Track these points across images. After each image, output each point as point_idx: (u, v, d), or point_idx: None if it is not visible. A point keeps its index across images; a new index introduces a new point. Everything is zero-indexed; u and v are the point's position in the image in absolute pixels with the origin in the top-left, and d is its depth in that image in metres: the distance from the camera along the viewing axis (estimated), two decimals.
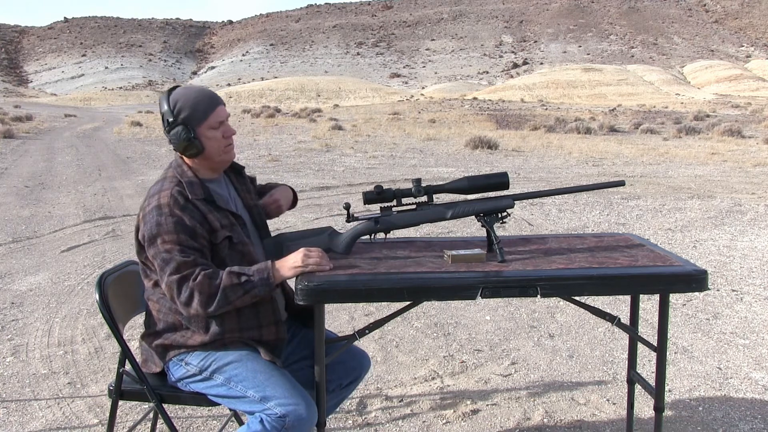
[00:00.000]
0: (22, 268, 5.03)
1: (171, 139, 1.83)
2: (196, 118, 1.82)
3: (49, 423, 2.63)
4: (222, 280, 1.72)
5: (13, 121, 24.54)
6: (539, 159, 13.48)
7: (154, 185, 1.85)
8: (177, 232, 1.73)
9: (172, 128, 1.81)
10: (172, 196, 1.77)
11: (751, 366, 3.21)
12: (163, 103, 1.84)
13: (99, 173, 11.07)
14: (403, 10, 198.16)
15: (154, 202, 1.77)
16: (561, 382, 3.02)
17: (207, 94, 1.87)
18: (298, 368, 2.01)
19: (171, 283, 1.72)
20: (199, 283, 1.70)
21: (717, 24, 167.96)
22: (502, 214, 1.96)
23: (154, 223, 1.74)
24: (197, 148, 1.82)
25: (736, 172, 11.36)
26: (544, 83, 80.00)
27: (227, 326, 1.81)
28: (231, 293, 1.71)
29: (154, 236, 1.74)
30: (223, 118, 1.87)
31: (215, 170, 1.92)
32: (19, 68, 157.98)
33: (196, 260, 1.73)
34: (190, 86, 1.91)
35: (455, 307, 4.07)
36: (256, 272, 1.75)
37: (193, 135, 1.81)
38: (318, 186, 9.35)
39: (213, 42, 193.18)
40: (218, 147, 1.86)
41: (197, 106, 1.83)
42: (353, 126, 24.45)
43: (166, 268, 1.72)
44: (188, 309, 1.73)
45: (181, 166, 1.86)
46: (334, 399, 2.09)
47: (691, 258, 5.22)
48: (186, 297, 1.71)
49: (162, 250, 1.73)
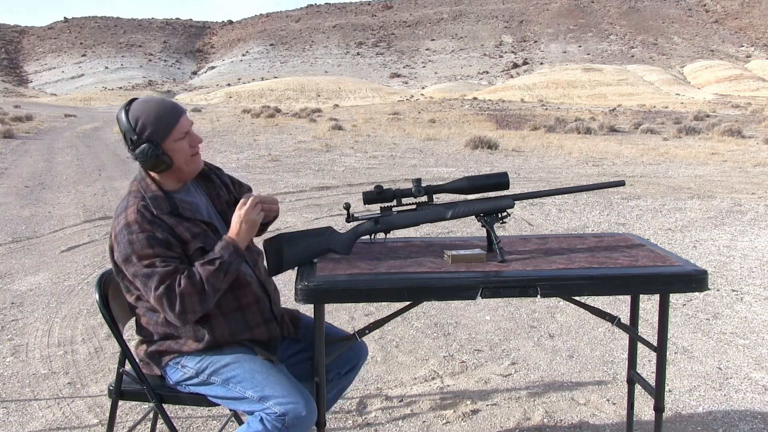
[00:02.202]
0: (22, 268, 5.03)
1: (137, 157, 1.76)
2: (161, 133, 1.75)
3: (49, 423, 2.63)
4: (200, 275, 1.71)
5: (13, 121, 24.53)
6: (539, 159, 13.48)
7: (121, 202, 1.81)
8: (152, 246, 1.70)
9: (137, 146, 1.75)
10: (139, 211, 1.73)
11: (751, 366, 3.21)
12: (122, 120, 1.76)
13: (99, 173, 11.07)
14: (403, 10, 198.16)
15: (122, 221, 1.74)
16: (561, 382, 3.02)
17: (168, 105, 1.79)
18: (294, 362, 2.02)
19: (159, 298, 1.68)
20: (185, 287, 1.68)
21: (717, 24, 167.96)
22: (502, 214, 1.97)
23: (126, 242, 1.71)
24: (166, 163, 1.77)
25: (736, 172, 11.36)
26: (544, 83, 79.99)
27: (218, 333, 1.82)
28: (214, 280, 1.71)
29: (129, 255, 1.70)
30: (187, 128, 1.81)
31: (182, 180, 1.86)
32: (19, 68, 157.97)
33: (176, 267, 1.71)
34: (148, 98, 1.81)
35: (455, 307, 4.06)
36: (221, 250, 1.75)
37: (161, 151, 1.75)
38: (318, 186, 9.35)
39: (213, 42, 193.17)
40: (186, 158, 1.81)
41: (160, 120, 1.75)
42: (353, 126, 24.45)
43: (149, 284, 1.69)
44: (185, 317, 1.70)
45: (145, 179, 1.82)
46: (335, 388, 2.09)
47: (691, 258, 5.22)
48: (179, 307, 1.68)
49: (141, 266, 1.69)
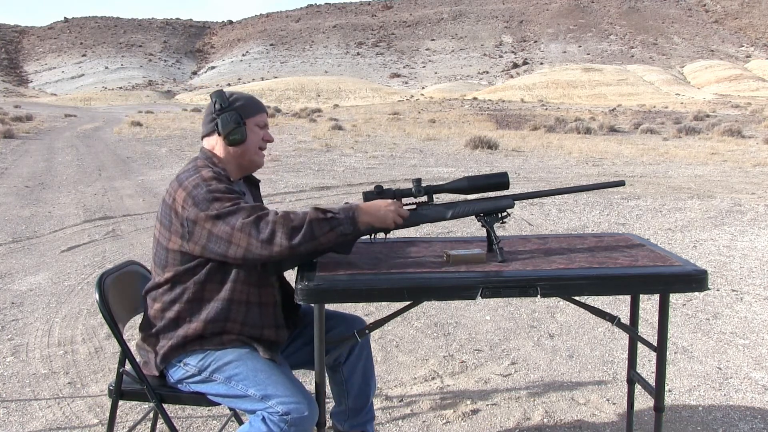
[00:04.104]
0: (22, 268, 5.03)
1: (220, 121, 1.86)
2: (249, 111, 1.90)
3: (49, 423, 2.63)
4: (308, 214, 1.70)
5: (13, 121, 24.54)
6: (539, 159, 13.48)
7: (185, 172, 1.83)
8: (233, 192, 1.74)
9: (223, 112, 1.86)
10: (214, 172, 1.80)
11: (751, 366, 3.21)
12: (213, 96, 1.90)
13: (99, 173, 11.07)
14: (403, 10, 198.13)
15: (197, 179, 1.76)
16: (561, 382, 3.02)
17: (257, 99, 1.97)
18: (293, 350, 2.05)
19: (246, 225, 1.66)
20: (281, 217, 1.67)
21: (717, 24, 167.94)
22: (502, 214, 1.96)
23: (205, 191, 1.72)
24: (242, 134, 1.87)
25: (736, 172, 11.36)
26: (544, 83, 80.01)
27: (232, 316, 1.81)
28: (317, 227, 1.69)
29: (209, 204, 1.70)
30: (266, 122, 1.96)
31: (241, 170, 1.94)
32: (19, 68, 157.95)
33: (263, 207, 1.73)
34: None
35: (455, 307, 4.07)
36: (342, 211, 1.75)
37: (243, 123, 1.87)
38: (318, 186, 9.35)
39: (213, 42, 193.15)
40: (256, 145, 1.92)
41: (251, 102, 1.92)
42: (353, 126, 24.45)
43: (234, 218, 1.67)
44: (270, 246, 1.66)
45: (211, 158, 1.89)
46: (351, 374, 2.11)
47: (691, 258, 5.22)
48: (268, 233, 1.65)
49: (225, 209, 1.69)
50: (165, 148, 15.47)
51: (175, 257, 1.80)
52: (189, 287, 1.80)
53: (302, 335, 2.07)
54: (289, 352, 2.05)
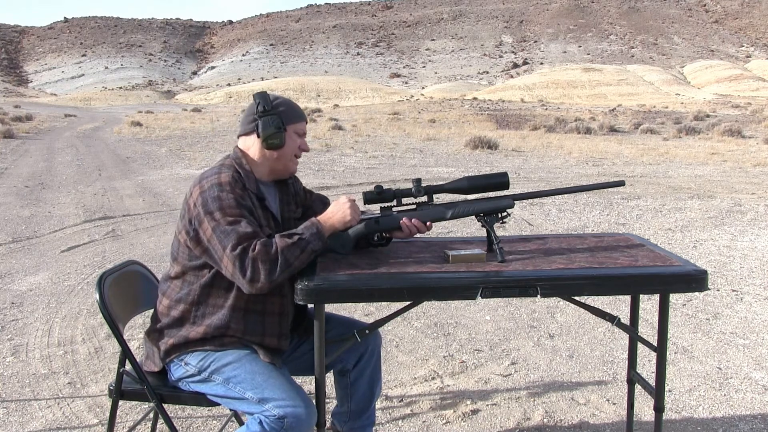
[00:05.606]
0: (22, 268, 5.03)
1: (261, 123, 1.86)
2: (291, 117, 1.91)
3: (49, 423, 2.63)
4: (277, 245, 1.71)
5: (13, 121, 24.54)
6: (539, 159, 13.48)
7: (210, 169, 1.86)
8: (238, 207, 1.75)
9: (266, 115, 1.87)
10: (233, 177, 1.81)
11: (751, 366, 3.21)
12: (257, 97, 1.91)
13: (99, 173, 11.07)
14: (403, 10, 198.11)
15: (214, 180, 1.78)
16: (561, 382, 3.02)
17: (300, 107, 1.99)
18: (299, 354, 2.05)
19: (233, 259, 1.69)
20: (259, 252, 1.69)
21: (717, 24, 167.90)
22: (502, 214, 1.96)
23: (215, 196, 1.75)
24: (281, 140, 1.87)
25: (736, 172, 11.36)
26: (544, 83, 79.99)
27: (233, 326, 1.82)
28: (289, 254, 1.71)
29: (214, 210, 1.73)
30: (305, 131, 1.98)
31: (273, 173, 1.95)
32: (19, 68, 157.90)
33: (256, 231, 1.73)
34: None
35: (455, 307, 4.06)
36: (305, 229, 1.78)
37: (283, 128, 1.88)
38: (318, 186, 9.35)
39: (213, 42, 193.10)
40: (292, 152, 1.93)
41: (294, 109, 1.94)
42: (353, 126, 24.45)
43: (226, 241, 1.70)
44: (254, 285, 1.69)
45: (241, 159, 1.90)
46: (357, 380, 2.11)
47: (691, 258, 5.22)
48: (251, 273, 1.68)
49: (224, 222, 1.71)
50: (165, 148, 15.47)
51: (183, 251, 1.84)
52: (195, 289, 1.82)
53: (308, 341, 2.06)
54: (294, 357, 2.05)
